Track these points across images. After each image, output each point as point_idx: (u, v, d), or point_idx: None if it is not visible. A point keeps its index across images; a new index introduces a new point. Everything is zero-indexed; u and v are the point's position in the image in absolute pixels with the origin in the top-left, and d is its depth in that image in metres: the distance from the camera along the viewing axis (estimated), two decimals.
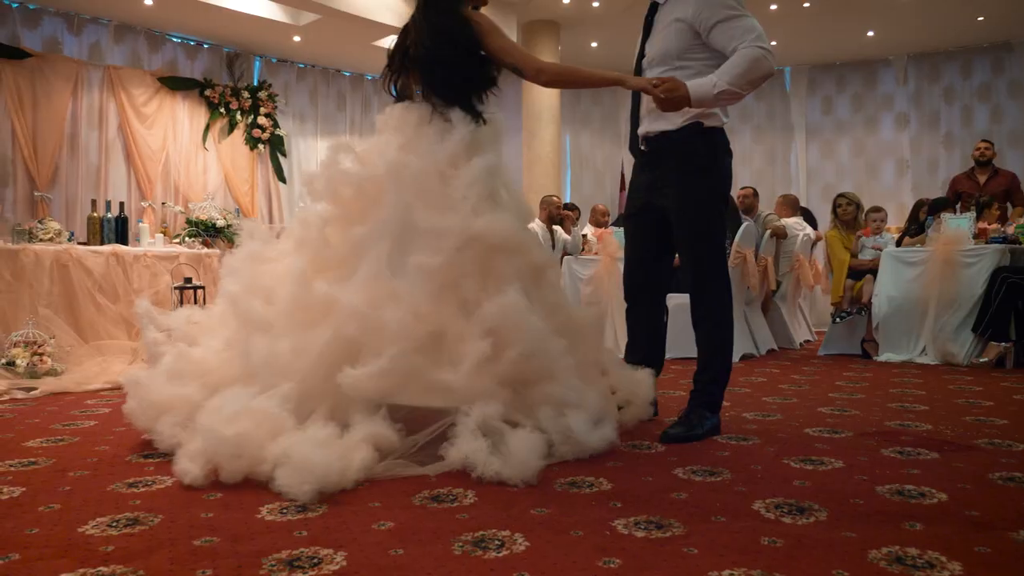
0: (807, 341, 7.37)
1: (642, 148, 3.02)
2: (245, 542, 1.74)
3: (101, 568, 1.59)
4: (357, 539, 1.75)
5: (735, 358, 5.54)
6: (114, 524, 1.86)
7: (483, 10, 2.91)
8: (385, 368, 2.32)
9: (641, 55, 2.98)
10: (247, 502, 2.03)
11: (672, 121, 2.84)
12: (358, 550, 1.68)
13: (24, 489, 2.17)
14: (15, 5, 7.32)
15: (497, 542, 1.73)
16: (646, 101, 2.95)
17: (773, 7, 7.89)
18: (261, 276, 2.70)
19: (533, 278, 2.69)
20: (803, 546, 1.68)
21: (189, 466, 2.20)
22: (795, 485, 2.15)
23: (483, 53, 2.79)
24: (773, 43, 2.71)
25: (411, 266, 2.49)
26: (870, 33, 8.66)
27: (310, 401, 2.37)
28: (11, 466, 2.44)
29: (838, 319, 6.04)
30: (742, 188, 7.23)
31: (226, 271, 2.82)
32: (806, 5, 7.86)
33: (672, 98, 2.62)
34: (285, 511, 1.95)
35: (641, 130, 2.99)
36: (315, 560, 1.63)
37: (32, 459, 2.53)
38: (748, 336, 6.04)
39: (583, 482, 2.20)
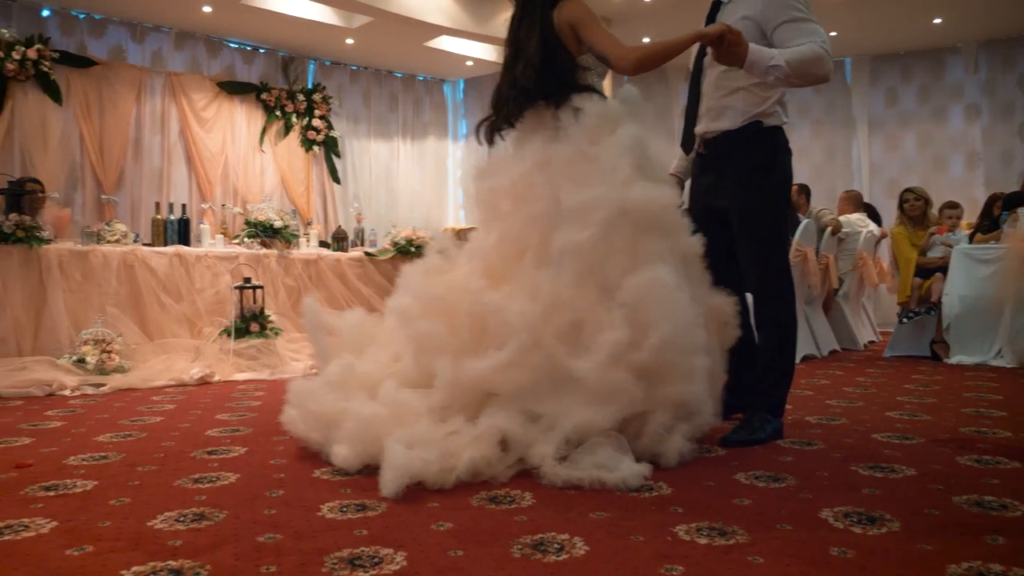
0: (871, 342, 7.18)
1: (700, 151, 2.99)
2: (307, 539, 1.75)
3: (170, 562, 1.61)
4: (417, 539, 1.75)
5: (796, 359, 5.41)
6: (181, 519, 1.89)
7: None
8: (507, 361, 2.31)
9: (702, 53, 2.93)
10: (308, 500, 2.05)
11: (732, 120, 2.82)
12: (418, 550, 1.68)
13: (96, 483, 2.22)
14: (82, 16, 7.56)
15: (556, 545, 1.70)
16: (705, 99, 2.93)
17: None
18: (433, 287, 2.66)
19: (682, 264, 2.54)
20: (876, 558, 1.61)
21: (339, 448, 2.31)
22: (864, 493, 2.08)
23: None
24: (833, 33, 2.68)
25: (556, 248, 2.44)
26: (937, 20, 8.34)
27: (462, 402, 2.39)
28: (83, 460, 2.51)
29: (905, 319, 5.86)
30: None
31: (402, 282, 2.79)
32: None
33: (732, 51, 2.54)
34: (345, 509, 1.96)
35: (699, 129, 2.96)
36: (376, 559, 1.63)
37: (103, 454, 2.60)
38: (809, 337, 5.90)
39: (643, 486, 2.15)
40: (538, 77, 2.67)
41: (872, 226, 6.93)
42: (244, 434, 2.94)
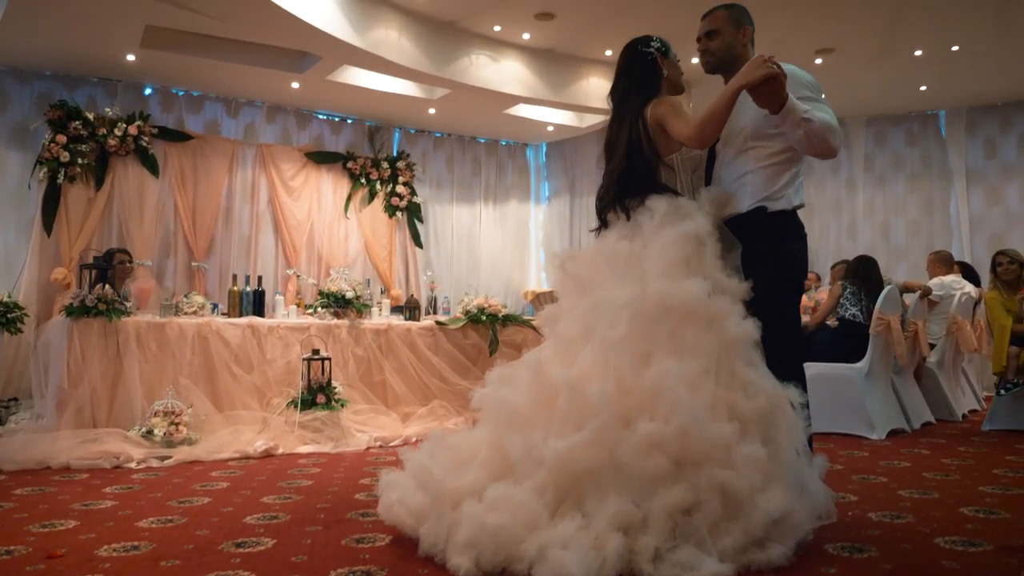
0: (973, 411, 6.72)
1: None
2: None
3: None
4: None
5: (882, 434, 5.11)
6: None
7: None
8: (586, 440, 2.34)
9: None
10: None
11: (739, 205, 2.81)
12: None
13: None
14: (181, 93, 8.06)
15: None
16: (716, 184, 2.94)
17: (918, 52, 7.40)
18: (513, 366, 2.84)
19: (725, 352, 2.51)
20: None
21: (460, 560, 2.27)
22: None
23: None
24: (923, 88, 2.66)
25: (605, 340, 2.54)
26: None
27: (556, 489, 2.39)
28: (114, 551, 2.55)
29: (1003, 391, 5.45)
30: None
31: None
32: (954, 48, 7.30)
33: (779, 93, 2.55)
34: None
35: None
36: None
37: (136, 543, 2.64)
38: (897, 409, 5.55)
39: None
40: (623, 180, 2.83)
41: (968, 287, 6.53)
42: (280, 522, 2.94)
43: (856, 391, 5.27)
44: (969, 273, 6.98)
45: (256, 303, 5.73)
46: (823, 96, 2.80)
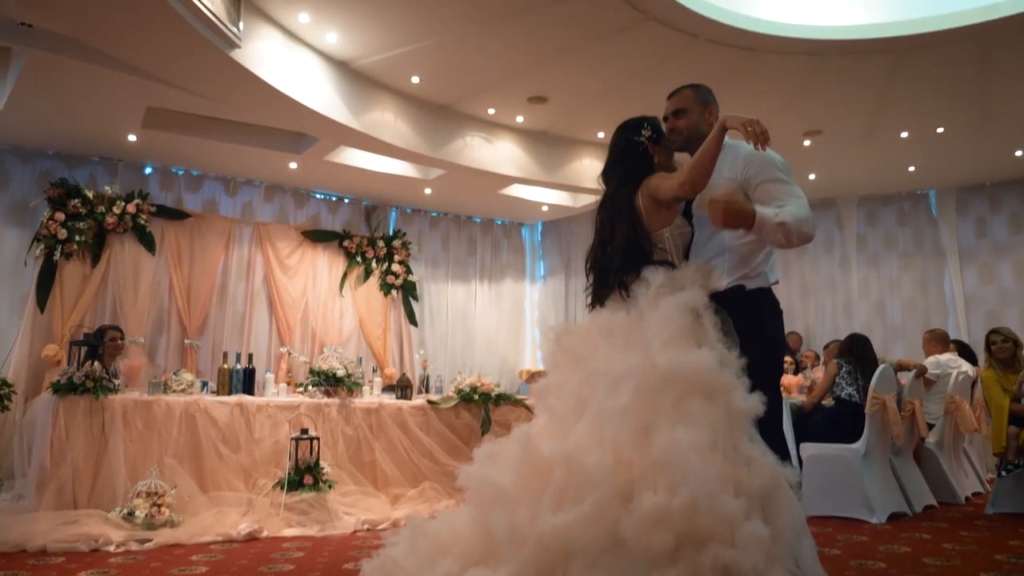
0: (976, 493, 6.58)
1: None
2: None
3: None
4: None
5: (882, 518, 4.99)
6: None
7: None
8: (587, 515, 2.25)
9: (688, 212, 2.96)
10: None
11: (717, 282, 2.78)
12: None
13: None
14: (180, 172, 8.18)
15: None
16: (693, 260, 2.92)
17: (904, 134, 7.55)
18: (501, 443, 2.75)
19: (729, 425, 2.45)
20: None
21: None
22: None
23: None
24: (911, 168, 2.65)
25: (605, 411, 2.51)
26: (1019, 153, 8.07)
27: (539, 572, 2.28)
28: None
29: (1004, 472, 5.34)
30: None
31: None
32: (939, 130, 7.47)
33: (741, 217, 2.59)
34: None
35: None
36: None
37: None
38: (897, 491, 5.43)
39: None
40: (621, 263, 2.84)
41: (965, 366, 6.48)
42: None
43: (854, 472, 5.16)
44: (965, 352, 6.93)
45: (246, 381, 5.67)
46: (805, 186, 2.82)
